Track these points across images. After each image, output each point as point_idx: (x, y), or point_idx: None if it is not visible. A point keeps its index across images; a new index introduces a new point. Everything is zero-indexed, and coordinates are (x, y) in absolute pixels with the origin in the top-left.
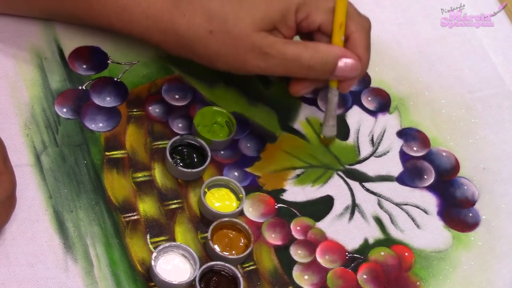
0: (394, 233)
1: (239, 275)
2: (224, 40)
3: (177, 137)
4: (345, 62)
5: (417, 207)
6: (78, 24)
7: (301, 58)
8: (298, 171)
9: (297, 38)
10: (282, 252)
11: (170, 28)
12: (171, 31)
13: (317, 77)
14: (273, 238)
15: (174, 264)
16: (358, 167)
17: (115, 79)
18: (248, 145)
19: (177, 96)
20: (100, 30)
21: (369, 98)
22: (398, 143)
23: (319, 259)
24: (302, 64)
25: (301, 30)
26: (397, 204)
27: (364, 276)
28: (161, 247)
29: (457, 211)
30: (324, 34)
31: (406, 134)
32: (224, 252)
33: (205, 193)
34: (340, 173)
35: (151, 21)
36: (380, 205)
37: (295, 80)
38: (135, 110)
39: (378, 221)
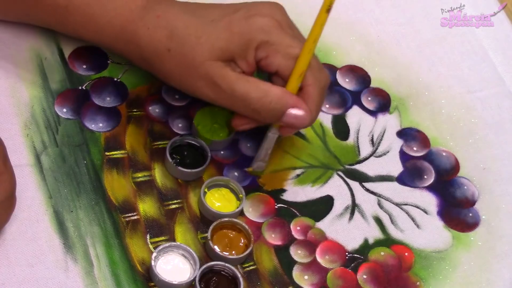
0: (394, 233)
1: (239, 275)
2: (180, 62)
3: (177, 137)
4: (295, 112)
5: (417, 207)
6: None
7: (249, 98)
8: (298, 171)
9: None
10: (282, 252)
11: (132, 39)
12: (133, 43)
13: (262, 121)
14: (273, 238)
15: (174, 264)
16: (358, 167)
17: (115, 79)
18: (248, 145)
19: (177, 96)
20: None
21: (369, 98)
22: (398, 143)
23: (319, 259)
24: (248, 105)
25: (260, 69)
26: (397, 204)
27: (364, 276)
28: (161, 247)
29: (457, 211)
30: (281, 78)
31: (406, 134)
32: (224, 252)
33: (205, 193)
34: (340, 173)
35: (117, 31)
36: (380, 205)
37: (237, 116)
38: (135, 110)
39: (378, 221)
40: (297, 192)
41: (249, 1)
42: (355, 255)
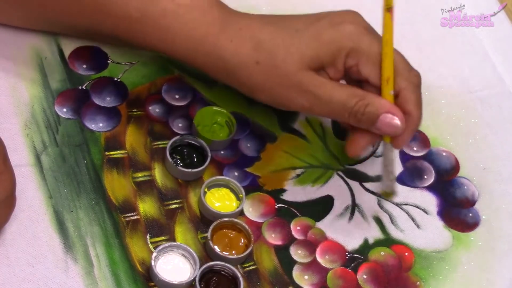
0: (394, 233)
1: (239, 275)
2: (271, 73)
3: (177, 137)
4: (388, 117)
5: (417, 207)
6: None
7: (347, 103)
8: (298, 171)
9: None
10: (282, 252)
11: (214, 52)
12: (215, 55)
13: (359, 126)
14: (273, 238)
15: (174, 264)
16: (358, 167)
17: (115, 79)
18: (248, 145)
19: (177, 96)
20: None
21: None
22: None
23: (319, 259)
24: (346, 110)
25: (350, 76)
26: (397, 204)
27: (364, 276)
28: (161, 247)
29: (457, 211)
30: (372, 86)
31: None
32: (224, 252)
33: (205, 193)
34: (340, 173)
35: (196, 43)
36: (380, 205)
37: (350, 143)
38: (135, 110)
39: (378, 221)
40: (297, 192)
41: (325, 11)
42: (355, 255)
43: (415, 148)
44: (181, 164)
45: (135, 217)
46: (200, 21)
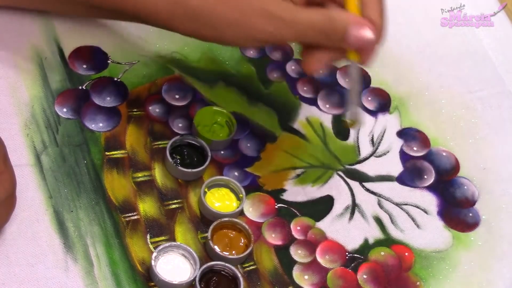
0: (394, 233)
1: (239, 275)
2: (233, 6)
3: (177, 137)
4: (357, 28)
5: (417, 207)
6: (78, 22)
7: (313, 21)
8: (298, 171)
9: None
10: (282, 252)
11: None
12: (173, 1)
13: (328, 44)
14: (273, 238)
15: (174, 264)
16: (358, 167)
17: (115, 79)
18: (248, 145)
19: (177, 96)
20: (100, 30)
21: (369, 98)
22: (398, 143)
23: (319, 259)
24: (312, 28)
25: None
26: (397, 204)
27: (364, 276)
28: (161, 247)
29: (457, 211)
30: (337, 3)
31: (406, 134)
32: (224, 252)
33: (205, 193)
34: (340, 173)
35: None
36: (380, 205)
37: (306, 55)
38: (135, 110)
39: (378, 221)
40: (297, 192)
41: None
42: (355, 255)
43: (415, 148)
44: (181, 164)
45: (135, 217)
46: None
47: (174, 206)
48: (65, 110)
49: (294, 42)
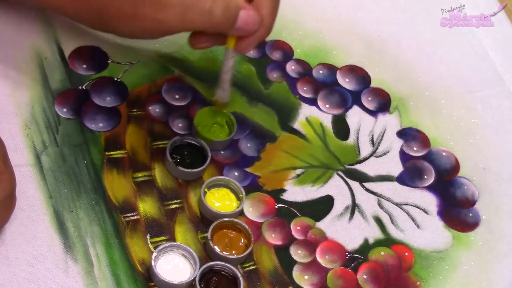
0: (394, 233)
1: (239, 275)
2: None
3: (177, 137)
4: (246, 13)
5: (417, 207)
6: (77, 24)
7: (200, 2)
8: (298, 171)
9: None
10: (282, 252)
11: None
12: None
13: (218, 29)
14: (273, 238)
15: (174, 264)
16: (358, 167)
17: (115, 79)
18: (248, 145)
19: (177, 96)
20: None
21: (369, 98)
22: (398, 143)
23: (319, 259)
24: (202, 10)
25: None
26: (397, 204)
27: (364, 276)
28: (161, 247)
29: (457, 211)
30: None
31: (406, 134)
32: (224, 252)
33: (205, 193)
34: (340, 173)
35: None
36: (380, 205)
37: (195, 32)
38: (135, 110)
39: (378, 221)
40: (297, 192)
41: None
42: (355, 255)
43: (415, 148)
44: (181, 164)
45: (135, 217)
46: None
47: (174, 206)
48: (65, 110)
49: (182, 31)
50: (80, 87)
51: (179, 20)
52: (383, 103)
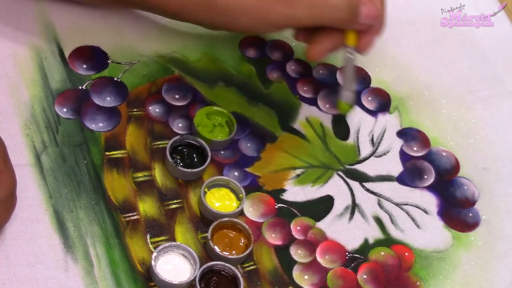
0: (394, 233)
1: (239, 275)
2: None
3: (177, 137)
4: (367, 7)
5: (417, 207)
6: (78, 22)
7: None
8: (298, 171)
9: None
10: (282, 252)
11: None
12: None
13: (341, 24)
14: (273, 238)
15: (174, 264)
16: (358, 167)
17: (115, 79)
18: (248, 145)
19: (177, 96)
20: (100, 30)
21: (369, 98)
22: (398, 143)
23: (319, 259)
24: (329, 5)
25: None
26: (397, 204)
27: (364, 276)
28: (161, 247)
29: (457, 211)
30: None
31: (406, 134)
32: (224, 252)
33: (205, 193)
34: (340, 173)
35: None
36: (380, 205)
37: (313, 44)
38: (135, 110)
39: (378, 221)
40: (297, 192)
41: None
42: (355, 255)
43: (415, 148)
44: (181, 164)
45: (135, 217)
46: None
47: (174, 206)
48: (65, 110)
49: (308, 25)
50: (80, 87)
51: (306, 15)
52: (383, 103)
